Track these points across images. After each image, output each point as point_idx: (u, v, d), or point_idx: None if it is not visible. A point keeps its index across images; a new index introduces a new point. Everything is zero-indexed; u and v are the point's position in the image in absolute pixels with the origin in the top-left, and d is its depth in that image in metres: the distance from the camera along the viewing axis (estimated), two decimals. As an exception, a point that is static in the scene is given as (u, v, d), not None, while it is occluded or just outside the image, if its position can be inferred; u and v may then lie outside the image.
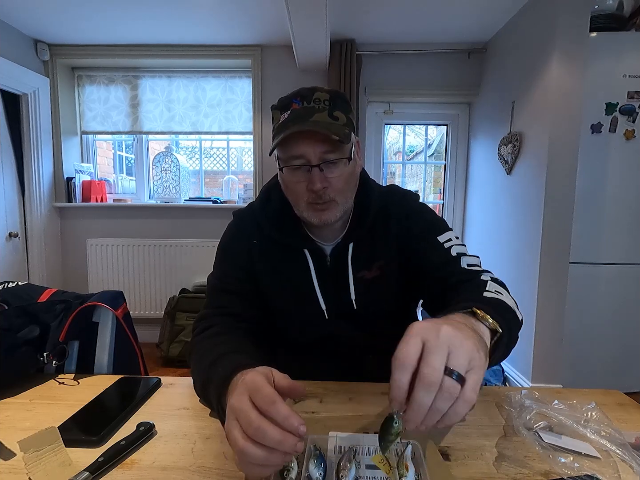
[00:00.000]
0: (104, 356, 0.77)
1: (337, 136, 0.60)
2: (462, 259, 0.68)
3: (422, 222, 0.74)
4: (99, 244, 2.68)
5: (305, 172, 0.65)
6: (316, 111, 0.63)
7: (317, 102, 0.65)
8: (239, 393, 0.40)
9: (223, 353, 0.55)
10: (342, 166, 0.65)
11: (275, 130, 0.67)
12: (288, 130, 0.61)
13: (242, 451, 0.36)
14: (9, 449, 0.49)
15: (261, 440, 0.36)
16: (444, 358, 0.36)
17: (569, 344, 1.95)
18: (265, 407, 0.37)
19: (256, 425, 0.36)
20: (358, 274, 0.73)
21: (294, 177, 0.66)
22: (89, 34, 2.46)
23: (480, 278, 0.64)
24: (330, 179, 0.65)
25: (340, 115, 0.65)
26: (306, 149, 0.63)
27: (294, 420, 0.36)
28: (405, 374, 0.36)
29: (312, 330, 0.76)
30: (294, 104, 0.65)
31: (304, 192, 0.66)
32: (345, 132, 0.63)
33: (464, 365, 0.36)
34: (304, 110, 0.64)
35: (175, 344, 2.41)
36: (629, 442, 0.50)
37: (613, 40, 1.87)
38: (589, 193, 1.93)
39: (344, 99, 0.68)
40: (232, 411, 0.39)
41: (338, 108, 0.65)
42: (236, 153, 3.07)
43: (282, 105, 0.67)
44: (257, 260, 0.74)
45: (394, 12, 2.15)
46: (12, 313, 0.69)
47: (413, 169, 3.32)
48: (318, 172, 0.64)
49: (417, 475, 0.42)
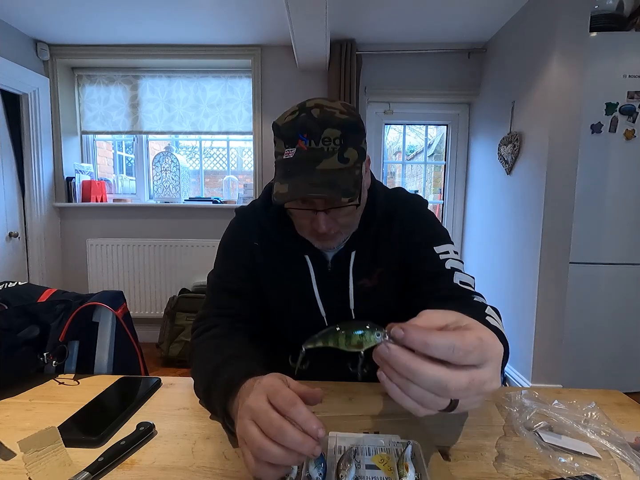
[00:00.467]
0: (104, 356, 0.77)
1: (346, 196, 0.56)
2: (455, 274, 0.65)
3: (424, 229, 0.72)
4: (99, 244, 2.68)
5: (310, 212, 0.62)
6: (324, 156, 0.57)
7: (327, 143, 0.57)
8: (257, 394, 0.40)
9: (227, 358, 0.55)
10: (349, 208, 0.62)
11: (279, 164, 0.62)
12: (294, 183, 0.57)
13: (261, 448, 0.36)
14: (9, 449, 0.49)
15: (281, 441, 0.36)
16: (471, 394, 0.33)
17: (569, 344, 1.95)
18: (286, 407, 0.37)
19: (278, 425, 0.36)
20: (358, 282, 0.72)
21: (298, 213, 0.64)
22: (89, 34, 2.46)
23: (473, 299, 0.62)
24: (336, 219, 0.63)
25: (351, 155, 0.59)
26: (312, 203, 0.61)
27: (314, 423, 0.36)
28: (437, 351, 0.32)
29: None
30: (300, 140, 0.58)
31: (308, 226, 0.64)
32: (355, 180, 0.58)
33: (469, 405, 0.35)
34: (311, 154, 0.58)
35: (175, 344, 2.41)
36: (629, 442, 0.50)
37: (613, 40, 1.87)
38: (589, 193, 1.93)
39: (357, 127, 0.61)
40: (248, 411, 0.39)
41: (350, 144, 0.59)
42: (236, 153, 3.07)
43: (287, 138, 0.60)
44: (257, 260, 0.73)
45: (394, 12, 2.15)
46: (12, 313, 0.69)
47: (413, 169, 3.32)
48: (324, 215, 0.61)
49: (417, 475, 0.42)
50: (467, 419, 0.57)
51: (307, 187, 0.56)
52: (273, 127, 0.64)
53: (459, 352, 0.32)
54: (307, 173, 0.57)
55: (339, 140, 0.58)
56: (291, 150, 0.59)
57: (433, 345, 0.32)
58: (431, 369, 0.32)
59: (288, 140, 0.60)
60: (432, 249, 0.69)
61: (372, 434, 0.52)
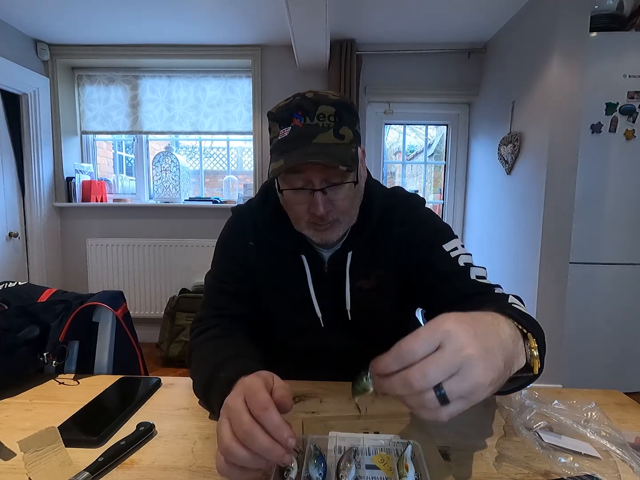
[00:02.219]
0: (104, 356, 0.77)
1: (343, 165, 0.55)
2: (471, 270, 0.64)
3: (426, 228, 0.70)
4: (99, 244, 2.68)
5: (307, 194, 0.60)
6: (320, 130, 0.57)
7: (322, 119, 0.58)
8: (236, 394, 0.40)
9: (225, 357, 0.55)
10: (347, 188, 0.61)
11: (274, 147, 0.61)
12: (290, 156, 0.56)
13: (227, 449, 0.36)
14: (9, 449, 0.49)
15: (249, 445, 0.35)
16: (446, 375, 0.32)
17: (569, 344, 1.95)
18: (257, 412, 0.37)
19: (247, 429, 0.36)
20: (356, 284, 0.70)
21: (294, 198, 0.62)
22: (89, 34, 2.46)
23: (495, 292, 0.61)
24: (334, 202, 0.61)
25: (346, 133, 0.59)
26: (309, 172, 0.58)
27: (284, 431, 0.36)
28: (395, 365, 0.33)
29: (308, 338, 0.74)
30: (295, 118, 0.58)
31: (305, 213, 0.63)
32: (351, 155, 0.58)
33: (459, 393, 0.32)
34: (306, 129, 0.58)
35: (175, 344, 2.41)
36: (629, 442, 0.50)
37: (613, 40, 1.87)
38: (589, 193, 1.92)
39: (351, 109, 0.62)
40: (225, 409, 0.39)
41: (344, 123, 0.59)
42: (236, 153, 3.07)
43: (281, 118, 0.60)
44: (253, 260, 0.73)
45: (394, 12, 2.15)
46: (12, 313, 0.69)
47: (413, 169, 3.32)
48: (321, 195, 0.59)
49: (417, 475, 0.42)
50: (467, 419, 0.57)
51: (303, 156, 0.56)
52: (268, 115, 0.64)
53: (404, 355, 0.33)
54: (302, 146, 0.57)
55: (334, 117, 0.58)
56: (286, 129, 0.59)
57: (389, 362, 0.33)
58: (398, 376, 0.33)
59: (282, 120, 0.60)
60: (441, 248, 0.67)
61: (372, 434, 0.52)
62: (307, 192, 0.60)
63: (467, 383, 0.32)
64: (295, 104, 0.59)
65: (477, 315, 0.38)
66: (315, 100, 0.58)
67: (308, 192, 0.60)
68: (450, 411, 0.32)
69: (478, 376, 0.32)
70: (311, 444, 0.46)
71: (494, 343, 0.35)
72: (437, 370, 0.31)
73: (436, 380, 0.31)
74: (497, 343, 0.36)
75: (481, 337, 0.34)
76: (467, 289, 0.62)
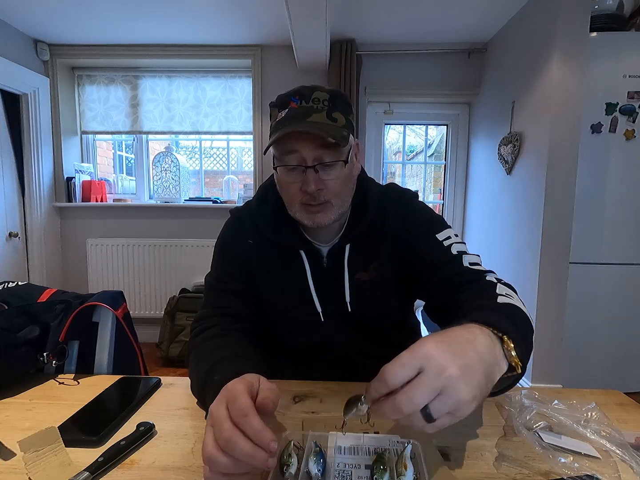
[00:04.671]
0: (104, 356, 0.77)
1: (333, 139, 0.59)
2: (463, 258, 0.66)
3: (420, 220, 0.72)
4: (99, 244, 2.68)
5: (300, 173, 0.63)
6: (314, 111, 0.62)
7: (316, 102, 0.62)
8: (219, 400, 0.40)
9: (221, 358, 0.55)
10: (338, 168, 0.64)
11: (272, 128, 0.66)
12: (284, 129, 0.60)
13: (210, 458, 0.36)
14: (9, 449, 0.49)
15: (231, 452, 0.36)
16: (430, 397, 0.35)
17: (569, 344, 1.95)
18: (237, 418, 0.37)
19: (227, 436, 0.36)
20: (354, 276, 0.72)
21: (288, 177, 0.65)
22: (89, 34, 2.46)
23: (485, 279, 0.62)
24: (325, 181, 0.63)
25: (339, 117, 0.63)
26: (302, 149, 0.61)
27: (266, 436, 0.36)
28: (383, 390, 0.36)
29: (308, 334, 0.75)
30: (292, 102, 0.63)
31: (297, 193, 0.65)
32: (342, 135, 0.62)
33: (445, 411, 0.35)
34: (302, 110, 0.62)
35: (175, 344, 2.41)
36: (629, 442, 0.50)
37: (613, 40, 1.87)
38: (589, 193, 1.92)
39: (345, 99, 0.66)
40: (209, 417, 0.40)
41: (338, 109, 0.64)
42: (236, 153, 3.07)
43: (280, 103, 0.65)
44: (253, 259, 0.73)
45: (394, 12, 2.15)
46: (12, 313, 0.69)
47: (413, 169, 3.32)
48: (313, 173, 0.62)
49: (415, 475, 0.42)
50: (467, 419, 0.57)
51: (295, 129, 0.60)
52: (269, 105, 0.68)
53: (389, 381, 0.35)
54: (297, 124, 0.60)
55: (327, 102, 0.63)
56: (283, 111, 0.64)
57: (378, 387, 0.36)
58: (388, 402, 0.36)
59: (281, 105, 0.65)
60: (435, 237, 0.69)
61: (372, 433, 0.52)
62: (300, 171, 0.63)
63: (450, 401, 0.35)
64: (293, 90, 0.64)
65: (453, 333, 0.41)
66: (312, 87, 0.64)
67: (301, 171, 0.63)
68: (437, 425, 0.36)
69: (460, 394, 0.35)
70: (312, 441, 0.46)
71: (472, 360, 0.37)
72: (423, 395, 0.34)
73: (422, 404, 0.34)
74: (475, 359, 0.37)
75: (460, 356, 0.36)
76: (459, 277, 0.64)
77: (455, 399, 0.35)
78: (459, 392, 0.35)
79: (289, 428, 0.53)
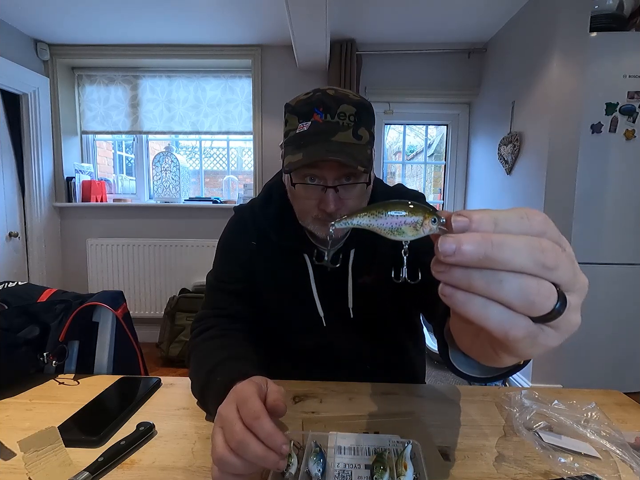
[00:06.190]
0: (104, 356, 0.77)
1: (362, 166, 0.55)
2: None
3: None
4: (99, 244, 2.68)
5: (318, 190, 0.60)
6: (340, 129, 0.58)
7: (342, 118, 0.58)
8: (228, 402, 0.40)
9: (222, 359, 0.55)
10: (359, 188, 0.62)
11: (291, 139, 0.61)
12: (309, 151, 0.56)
13: (221, 459, 0.36)
14: (9, 449, 0.49)
15: (242, 454, 0.36)
16: (570, 275, 0.24)
17: (569, 344, 1.93)
18: (249, 420, 0.37)
19: (239, 439, 0.36)
20: (358, 280, 0.71)
21: (305, 193, 0.62)
22: (89, 34, 2.46)
23: None
24: (344, 200, 0.61)
25: (364, 133, 0.60)
26: (324, 172, 0.59)
27: (278, 438, 0.36)
28: (489, 225, 0.22)
29: (309, 337, 0.74)
30: (315, 114, 0.58)
31: (313, 208, 0.62)
32: (367, 157, 0.58)
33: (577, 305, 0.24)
34: (327, 126, 0.58)
35: (175, 344, 2.41)
36: (629, 442, 0.50)
37: (613, 40, 1.87)
38: (589, 193, 1.92)
39: (369, 111, 0.63)
40: (218, 418, 0.39)
41: (363, 124, 0.60)
42: (236, 153, 3.07)
43: (301, 112, 0.60)
44: (255, 260, 0.73)
45: (394, 12, 2.15)
46: (12, 313, 0.69)
47: (413, 169, 3.32)
48: (333, 193, 0.59)
49: (415, 475, 0.42)
50: (467, 419, 0.57)
51: (324, 152, 0.56)
52: (285, 107, 0.64)
53: (533, 221, 0.22)
54: (322, 142, 0.57)
55: (354, 117, 0.59)
56: (306, 123, 0.59)
57: (502, 218, 0.22)
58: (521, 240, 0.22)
59: (303, 114, 0.60)
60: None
61: (372, 433, 0.52)
62: (318, 187, 0.60)
63: (582, 294, 0.25)
64: (316, 99, 0.59)
65: None
66: (337, 98, 0.59)
67: (320, 188, 0.60)
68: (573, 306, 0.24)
69: (586, 284, 0.25)
70: (312, 441, 0.46)
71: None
72: (566, 264, 0.23)
73: (566, 274, 0.23)
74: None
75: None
76: None
77: (584, 290, 0.25)
78: (584, 281, 0.25)
79: (289, 428, 0.53)
